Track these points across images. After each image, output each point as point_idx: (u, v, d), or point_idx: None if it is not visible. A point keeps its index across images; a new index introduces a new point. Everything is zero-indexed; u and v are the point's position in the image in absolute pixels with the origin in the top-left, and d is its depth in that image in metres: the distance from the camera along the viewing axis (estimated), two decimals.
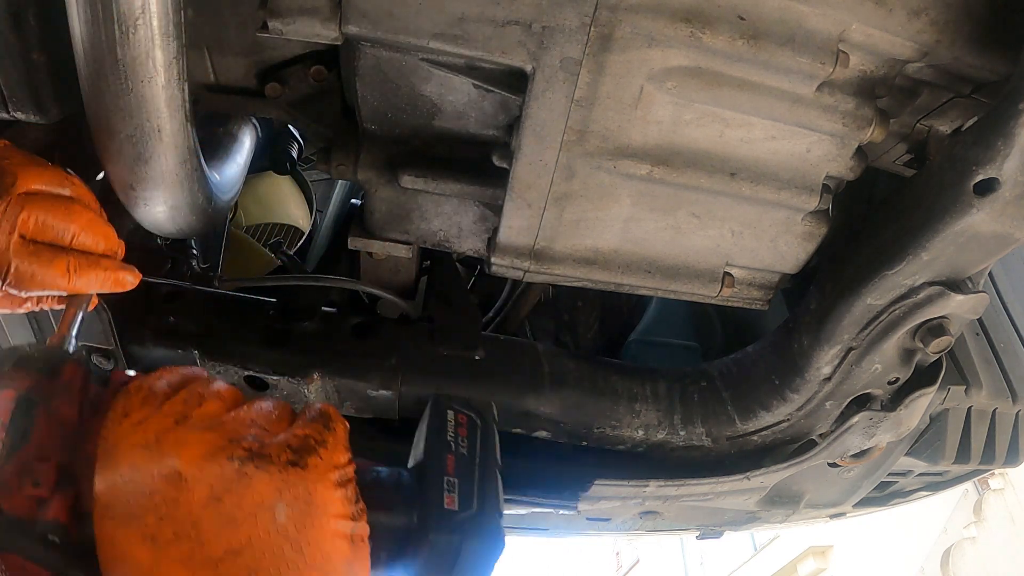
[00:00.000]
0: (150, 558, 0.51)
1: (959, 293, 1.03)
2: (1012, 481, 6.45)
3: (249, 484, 0.52)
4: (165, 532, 0.51)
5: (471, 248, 1.16)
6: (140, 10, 0.64)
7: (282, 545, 0.52)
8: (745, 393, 1.30)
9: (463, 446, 0.66)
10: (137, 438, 0.53)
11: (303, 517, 0.53)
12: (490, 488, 0.65)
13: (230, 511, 0.51)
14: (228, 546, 0.51)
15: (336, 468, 0.56)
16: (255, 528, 0.51)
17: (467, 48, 0.87)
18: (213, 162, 1.12)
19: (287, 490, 0.53)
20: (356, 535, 0.56)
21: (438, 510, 0.62)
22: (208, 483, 0.52)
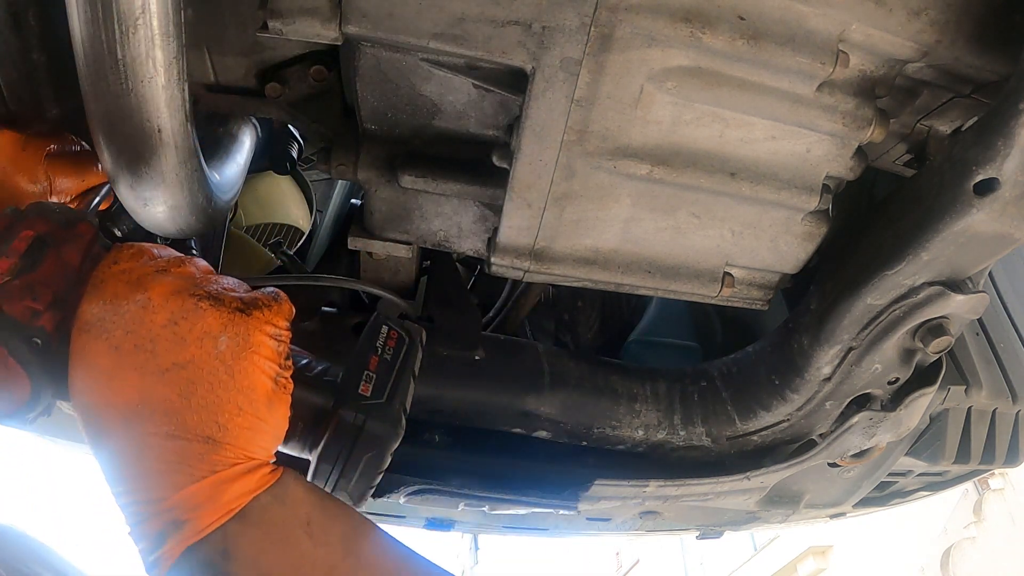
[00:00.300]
0: (111, 363, 0.62)
1: (959, 293, 1.03)
2: (1012, 481, 6.44)
3: (202, 316, 0.64)
4: (127, 344, 0.62)
5: (471, 248, 1.16)
6: (140, 10, 0.64)
7: (218, 367, 0.63)
8: (745, 393, 1.30)
9: (388, 353, 0.77)
10: (122, 276, 0.66)
11: (239, 349, 0.64)
12: (402, 388, 0.76)
13: (183, 333, 0.63)
14: (176, 360, 0.62)
15: (274, 326, 0.68)
16: (200, 350, 0.63)
17: (467, 48, 0.87)
18: (213, 162, 1.12)
19: (231, 326, 0.65)
20: (280, 381, 0.67)
21: (352, 393, 0.73)
22: (170, 310, 0.64)
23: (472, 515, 1.79)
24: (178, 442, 0.61)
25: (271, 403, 0.67)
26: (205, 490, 0.61)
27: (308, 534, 0.64)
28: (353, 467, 0.73)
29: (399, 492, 1.32)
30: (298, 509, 0.65)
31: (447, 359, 1.25)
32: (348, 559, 0.65)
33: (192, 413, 0.62)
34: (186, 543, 0.61)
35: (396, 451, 1.24)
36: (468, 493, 1.36)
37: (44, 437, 1.72)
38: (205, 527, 0.61)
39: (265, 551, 0.62)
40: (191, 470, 0.61)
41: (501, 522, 1.91)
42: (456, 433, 1.39)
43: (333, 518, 0.66)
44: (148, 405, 0.62)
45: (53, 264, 0.66)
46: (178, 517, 0.61)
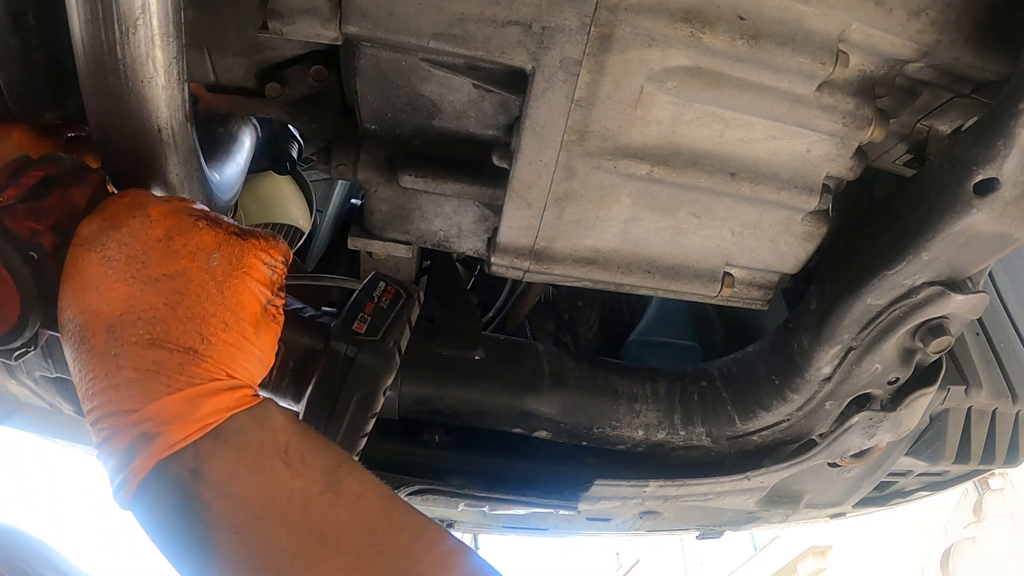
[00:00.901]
0: (101, 273, 0.62)
1: (959, 293, 1.03)
2: (1012, 481, 6.44)
3: (198, 233, 0.64)
4: (120, 255, 0.62)
5: (471, 248, 1.16)
6: (140, 10, 0.64)
7: (208, 281, 0.63)
8: (745, 393, 1.30)
9: (384, 303, 0.76)
10: (124, 200, 0.67)
11: (231, 268, 0.64)
12: (397, 329, 0.74)
13: (176, 247, 0.63)
14: (166, 271, 0.62)
15: (269, 255, 0.67)
16: (191, 263, 0.63)
17: (467, 48, 0.87)
18: (213, 162, 1.12)
19: (225, 246, 0.65)
20: (270, 308, 0.66)
21: (345, 328, 0.71)
22: (166, 225, 0.64)
23: (472, 515, 1.79)
24: (159, 351, 0.60)
25: (258, 326, 0.65)
26: (180, 402, 0.59)
27: (285, 462, 0.61)
28: (343, 406, 0.71)
29: (399, 492, 1.32)
30: (277, 435, 0.62)
31: (447, 359, 1.25)
32: (327, 494, 0.61)
33: (177, 323, 0.61)
34: (156, 458, 0.58)
35: (396, 451, 1.24)
36: (468, 493, 1.36)
37: (44, 437, 1.72)
38: (177, 441, 0.58)
39: (238, 474, 0.59)
40: (168, 380, 0.59)
41: (501, 522, 1.92)
42: (456, 433, 1.39)
43: (314, 450, 0.63)
44: (133, 312, 0.60)
45: (59, 198, 0.67)
46: (149, 430, 0.58)
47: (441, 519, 1.88)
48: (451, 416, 1.28)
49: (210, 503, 0.59)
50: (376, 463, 1.36)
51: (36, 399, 1.43)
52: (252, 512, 0.59)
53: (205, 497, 0.59)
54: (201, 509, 0.58)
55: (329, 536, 0.60)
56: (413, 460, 1.37)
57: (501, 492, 1.38)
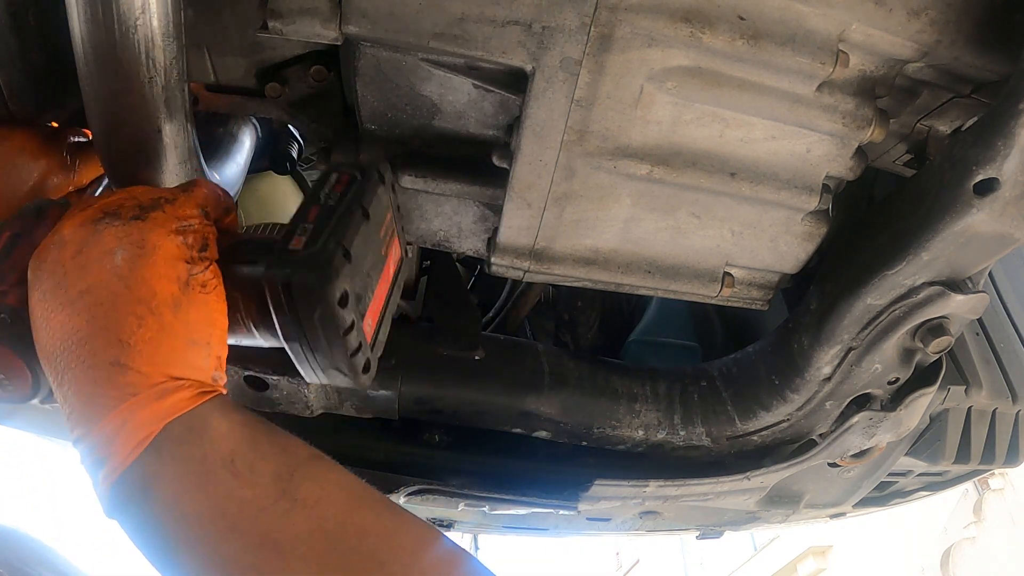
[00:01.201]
0: (42, 308, 0.61)
1: (959, 293, 1.03)
2: (1012, 481, 6.44)
3: (100, 237, 0.62)
4: (50, 285, 0.61)
5: (471, 248, 1.16)
6: (140, 10, 0.64)
7: (116, 283, 0.60)
8: (745, 393, 1.30)
9: (332, 199, 0.67)
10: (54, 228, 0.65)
11: (134, 259, 0.61)
12: (340, 227, 0.65)
13: (84, 261, 0.61)
14: (81, 287, 0.60)
15: (177, 219, 0.64)
16: (99, 271, 0.60)
17: (467, 48, 0.87)
18: (213, 162, 1.12)
19: (125, 238, 0.61)
20: (194, 279, 0.63)
21: (281, 250, 0.63)
22: (76, 241, 0.62)
23: (472, 515, 1.79)
24: (92, 371, 0.59)
25: (178, 306, 0.61)
26: (116, 420, 0.58)
27: (232, 472, 0.59)
28: (314, 334, 0.64)
29: (399, 492, 1.32)
30: (219, 444, 0.59)
31: (447, 359, 1.25)
32: (281, 501, 0.59)
33: (98, 337, 0.59)
34: (109, 480, 0.58)
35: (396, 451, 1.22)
36: (468, 493, 1.36)
37: (44, 437, 1.72)
38: (121, 462, 0.58)
39: (185, 490, 0.58)
40: (104, 399, 0.58)
41: (501, 522, 1.91)
42: (456, 433, 1.39)
43: (264, 456, 0.61)
44: (67, 339, 0.60)
45: (24, 250, 0.67)
46: (99, 454, 0.59)
47: (441, 519, 1.89)
48: (451, 416, 1.28)
49: (164, 521, 0.58)
50: (376, 463, 1.37)
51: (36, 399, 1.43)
52: (203, 526, 0.58)
53: (158, 515, 0.58)
54: (159, 527, 0.58)
55: (287, 545, 0.58)
56: (413, 460, 1.37)
57: (501, 492, 1.38)
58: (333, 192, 0.68)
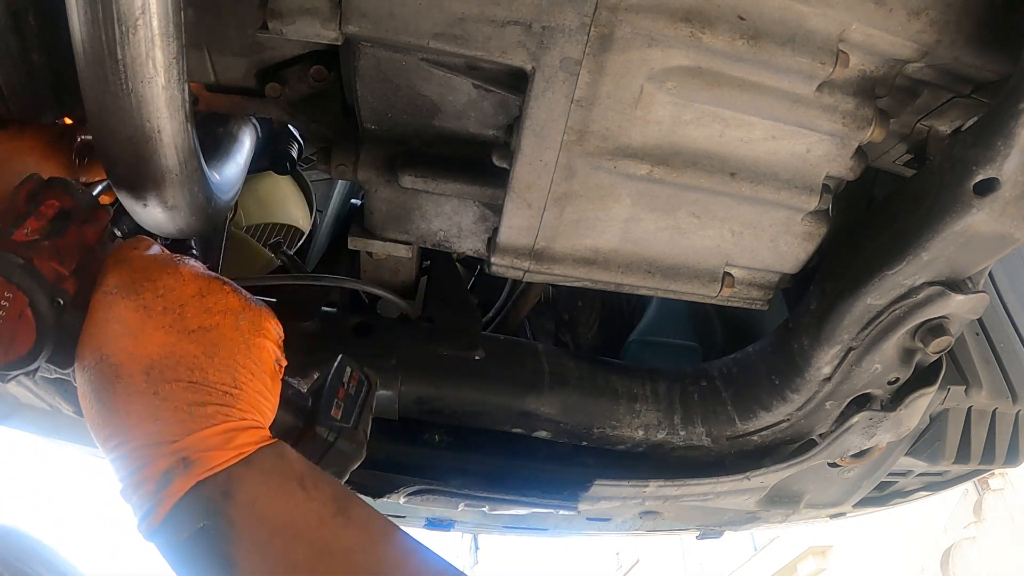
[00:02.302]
0: (138, 319, 0.68)
1: (959, 293, 1.03)
2: (1012, 481, 6.45)
3: (226, 295, 0.73)
4: (157, 306, 0.69)
5: (471, 248, 1.16)
6: (140, 10, 0.64)
7: (237, 337, 0.71)
8: (745, 393, 1.30)
9: (352, 389, 0.87)
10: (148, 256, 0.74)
11: (254, 327, 0.73)
12: (364, 419, 0.85)
13: (209, 304, 0.71)
14: (201, 324, 0.70)
15: (276, 324, 0.77)
16: (223, 320, 0.71)
17: (467, 48, 0.87)
18: (213, 162, 1.12)
19: (249, 310, 0.74)
20: (280, 364, 0.76)
21: (326, 413, 0.81)
22: (199, 284, 0.72)
23: (472, 515, 1.79)
24: (199, 392, 0.67)
25: (274, 379, 0.74)
26: (219, 435, 0.66)
27: (302, 487, 0.68)
28: None
29: (399, 492, 1.32)
30: (294, 465, 0.70)
31: (447, 359, 1.25)
32: (338, 517, 0.68)
33: (214, 370, 0.68)
34: (195, 479, 0.64)
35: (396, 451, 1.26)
36: (468, 493, 1.36)
37: (44, 437, 1.72)
38: (214, 466, 0.65)
39: (262, 495, 0.66)
40: (208, 416, 0.66)
41: (501, 522, 1.92)
42: (456, 433, 1.39)
43: (324, 480, 0.71)
44: (173, 357, 0.67)
45: (76, 236, 0.71)
46: (189, 456, 0.65)
47: (441, 519, 1.89)
48: (451, 416, 1.28)
49: (236, 521, 0.65)
50: (376, 463, 1.37)
51: (36, 399, 1.43)
52: (273, 530, 0.65)
53: (232, 515, 0.64)
54: (227, 526, 0.64)
55: (340, 555, 0.66)
56: (413, 460, 1.37)
57: (501, 492, 1.38)
58: (351, 384, 0.87)
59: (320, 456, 0.80)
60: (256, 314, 0.75)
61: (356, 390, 0.87)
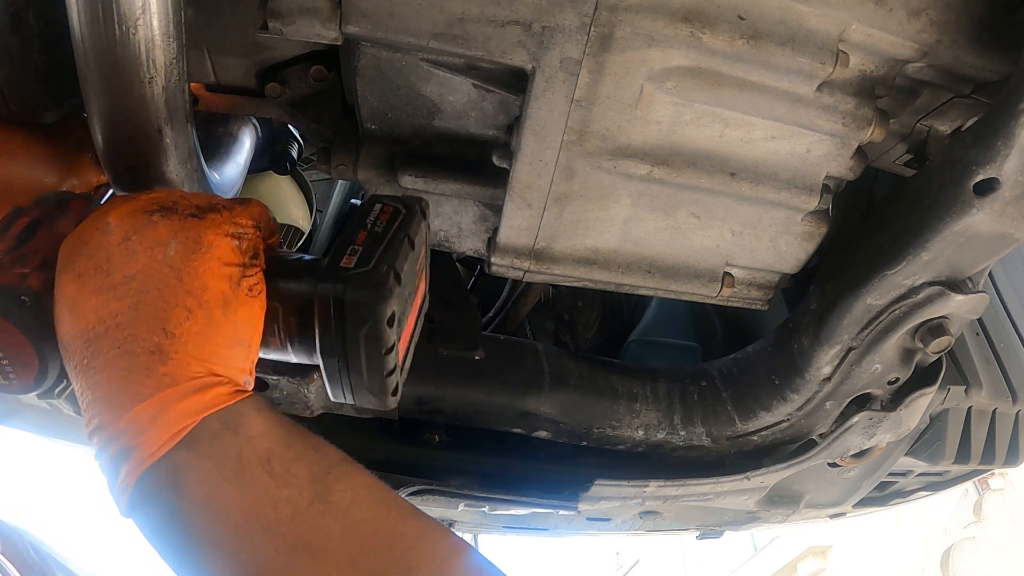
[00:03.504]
0: (76, 291, 0.61)
1: (959, 293, 1.03)
2: (1012, 481, 6.45)
3: (153, 227, 0.62)
4: (88, 269, 0.61)
5: (471, 248, 1.16)
6: (140, 10, 0.64)
7: (166, 272, 0.60)
8: (745, 393, 1.30)
9: (379, 226, 0.70)
10: (94, 214, 0.65)
11: (188, 252, 0.61)
12: (391, 252, 0.67)
13: (134, 247, 0.61)
14: (126, 273, 0.60)
15: (234, 225, 0.65)
16: (149, 259, 0.60)
17: (467, 48, 0.87)
18: (213, 162, 1.12)
19: (181, 232, 0.62)
20: (243, 283, 0.63)
21: (332, 267, 0.65)
22: (124, 228, 0.62)
23: (472, 515, 1.79)
24: (127, 358, 0.58)
25: (227, 305, 0.61)
26: (150, 410, 0.57)
27: (268, 471, 0.58)
28: (355, 351, 0.65)
29: (399, 492, 1.32)
30: (256, 442, 0.59)
31: (447, 359, 1.25)
32: (316, 503, 0.58)
33: (141, 323, 0.58)
34: (136, 472, 0.57)
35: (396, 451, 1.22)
36: (468, 493, 1.36)
37: (44, 437, 1.72)
38: (152, 453, 0.56)
39: (219, 487, 0.57)
40: (138, 387, 0.57)
41: (501, 522, 1.91)
42: (456, 433, 1.39)
43: (299, 456, 0.60)
44: (103, 323, 0.59)
45: (45, 236, 0.67)
46: (127, 443, 0.57)
47: (441, 519, 1.88)
48: (451, 416, 1.28)
49: (194, 518, 0.57)
50: (376, 463, 1.36)
51: (36, 399, 1.43)
52: (236, 526, 0.57)
53: (188, 511, 0.57)
54: (187, 524, 0.57)
55: (319, 548, 0.58)
56: (413, 460, 1.37)
57: (501, 492, 1.38)
58: (379, 221, 0.70)
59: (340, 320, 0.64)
60: (191, 232, 0.62)
61: (387, 224, 0.70)
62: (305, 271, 0.68)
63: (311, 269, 0.68)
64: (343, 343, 0.65)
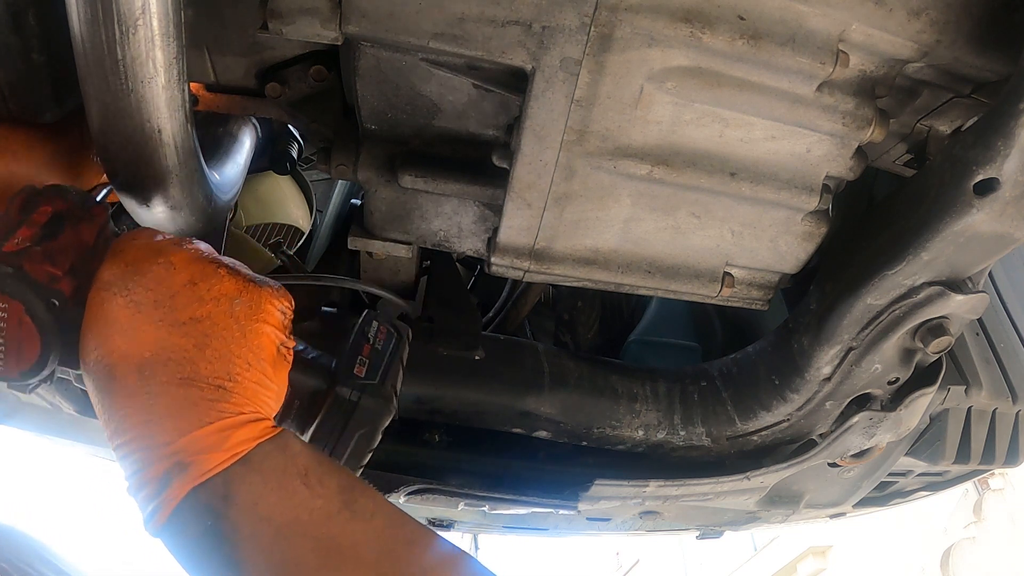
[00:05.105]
0: (129, 316, 0.66)
1: (959, 293, 1.03)
2: (1012, 481, 6.44)
3: (220, 279, 0.69)
4: (147, 300, 0.66)
5: (471, 248, 1.16)
6: (140, 10, 0.64)
7: (232, 324, 0.68)
8: (745, 393, 1.30)
9: (379, 344, 0.83)
10: (143, 246, 0.70)
11: (251, 312, 0.69)
12: (392, 372, 0.81)
13: (201, 292, 0.68)
14: (193, 315, 0.67)
15: (281, 302, 0.73)
16: (216, 308, 0.68)
17: (467, 48, 0.87)
18: (213, 162, 1.12)
19: (245, 292, 0.70)
20: (283, 348, 0.72)
21: (347, 372, 0.78)
22: (191, 271, 0.68)
23: (472, 515, 1.79)
24: (190, 388, 0.65)
25: (276, 366, 0.71)
26: (212, 434, 0.64)
27: (306, 484, 0.66)
28: (345, 443, 0.77)
29: (399, 492, 1.32)
30: (297, 460, 0.67)
31: (447, 359, 1.25)
32: (344, 511, 0.67)
33: (206, 363, 0.66)
34: (190, 484, 0.63)
35: (396, 451, 1.25)
36: (468, 493, 1.36)
37: (44, 437, 1.72)
38: (210, 469, 0.63)
39: (264, 496, 0.64)
40: (200, 415, 0.64)
41: (501, 522, 1.92)
42: (456, 433, 1.39)
43: (330, 472, 0.69)
44: (163, 354, 0.65)
45: (71, 237, 0.70)
46: (183, 459, 0.63)
47: (441, 519, 1.89)
48: (451, 416, 1.28)
49: (239, 524, 0.63)
50: (376, 463, 1.36)
51: (36, 398, 1.43)
52: (277, 530, 0.64)
53: (234, 519, 0.63)
54: (230, 530, 0.63)
55: (348, 550, 0.66)
56: (413, 460, 1.37)
57: (501, 492, 1.38)
58: (378, 339, 0.83)
59: (346, 418, 0.77)
60: (254, 296, 0.70)
61: (384, 344, 0.83)
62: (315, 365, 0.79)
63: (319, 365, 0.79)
64: (339, 436, 0.77)
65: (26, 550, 0.95)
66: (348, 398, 0.76)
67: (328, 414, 0.75)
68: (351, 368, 0.78)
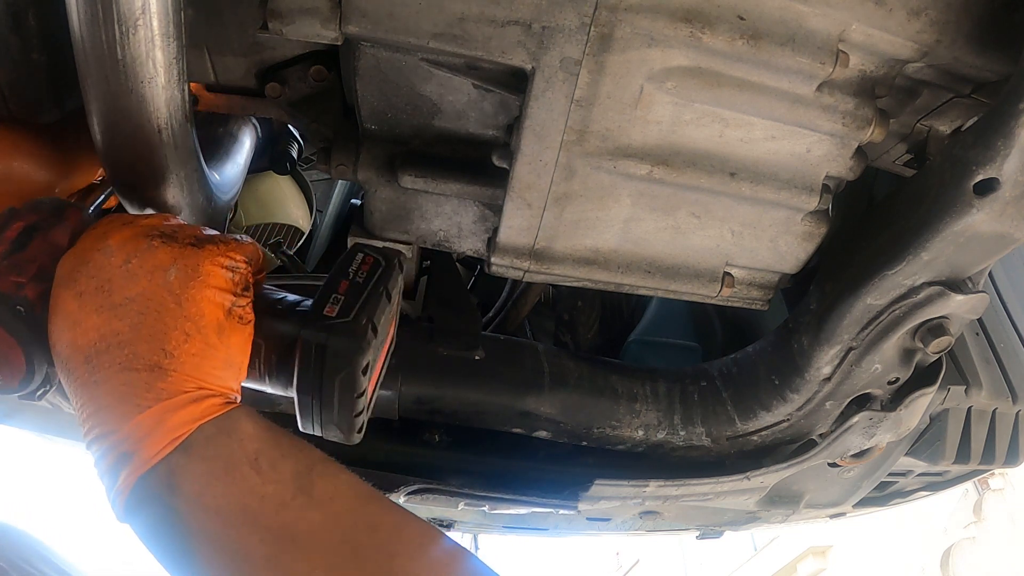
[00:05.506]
0: (76, 308, 0.65)
1: (959, 293, 1.03)
2: (1012, 481, 6.44)
3: (153, 252, 0.66)
4: (89, 288, 0.65)
5: (471, 248, 1.16)
6: (140, 10, 0.64)
7: (166, 296, 0.65)
8: (745, 393, 1.30)
9: (360, 276, 0.75)
10: (93, 234, 0.69)
11: (187, 279, 0.66)
12: (370, 305, 0.73)
13: (135, 270, 0.65)
14: (127, 294, 0.64)
15: (229, 258, 0.69)
16: (149, 283, 0.65)
17: (467, 48, 0.87)
18: (213, 162, 1.12)
19: (180, 259, 0.67)
20: (235, 311, 0.68)
21: (316, 315, 0.71)
22: (126, 251, 0.66)
23: (472, 515, 1.79)
24: (128, 373, 0.63)
25: (222, 331, 0.67)
26: (150, 419, 0.62)
27: (256, 469, 0.63)
28: (329, 393, 0.72)
29: (399, 491, 1.32)
30: (246, 443, 0.64)
31: (447, 359, 1.25)
32: (299, 497, 0.63)
33: (141, 343, 0.63)
34: (135, 475, 0.61)
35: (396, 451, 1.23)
36: (468, 493, 1.36)
37: (44, 436, 1.72)
38: (150, 457, 0.61)
39: (209, 485, 0.62)
40: (138, 400, 0.62)
41: (501, 522, 1.92)
42: (456, 433, 1.39)
43: (285, 455, 0.65)
44: (104, 340, 0.63)
45: (40, 244, 0.70)
46: (128, 448, 0.62)
47: (441, 519, 1.89)
48: (451, 416, 1.28)
49: (186, 515, 0.61)
50: (376, 463, 1.37)
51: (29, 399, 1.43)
52: (226, 520, 0.61)
53: (181, 509, 0.61)
54: (179, 521, 0.61)
55: (303, 538, 0.62)
56: (413, 460, 1.37)
57: (501, 492, 1.38)
58: (360, 271, 0.76)
59: (319, 364, 0.70)
60: (190, 261, 0.67)
61: (367, 275, 0.75)
62: (289, 313, 0.74)
63: (295, 312, 0.74)
64: (319, 385, 0.71)
65: (26, 549, 0.95)
66: (314, 342, 0.69)
67: (301, 364, 0.70)
68: (321, 308, 0.71)
